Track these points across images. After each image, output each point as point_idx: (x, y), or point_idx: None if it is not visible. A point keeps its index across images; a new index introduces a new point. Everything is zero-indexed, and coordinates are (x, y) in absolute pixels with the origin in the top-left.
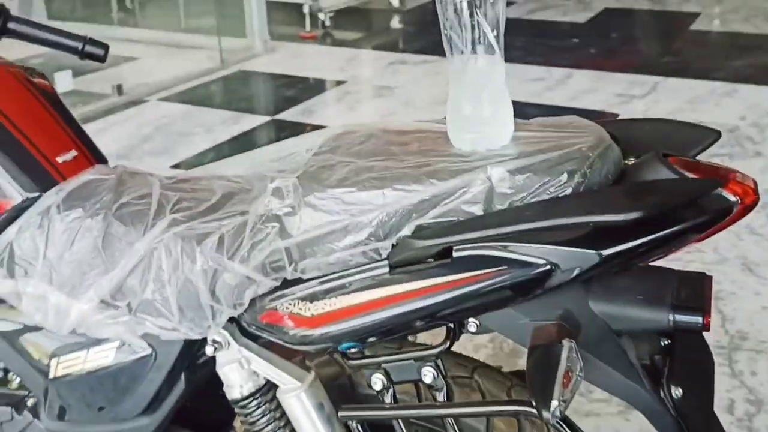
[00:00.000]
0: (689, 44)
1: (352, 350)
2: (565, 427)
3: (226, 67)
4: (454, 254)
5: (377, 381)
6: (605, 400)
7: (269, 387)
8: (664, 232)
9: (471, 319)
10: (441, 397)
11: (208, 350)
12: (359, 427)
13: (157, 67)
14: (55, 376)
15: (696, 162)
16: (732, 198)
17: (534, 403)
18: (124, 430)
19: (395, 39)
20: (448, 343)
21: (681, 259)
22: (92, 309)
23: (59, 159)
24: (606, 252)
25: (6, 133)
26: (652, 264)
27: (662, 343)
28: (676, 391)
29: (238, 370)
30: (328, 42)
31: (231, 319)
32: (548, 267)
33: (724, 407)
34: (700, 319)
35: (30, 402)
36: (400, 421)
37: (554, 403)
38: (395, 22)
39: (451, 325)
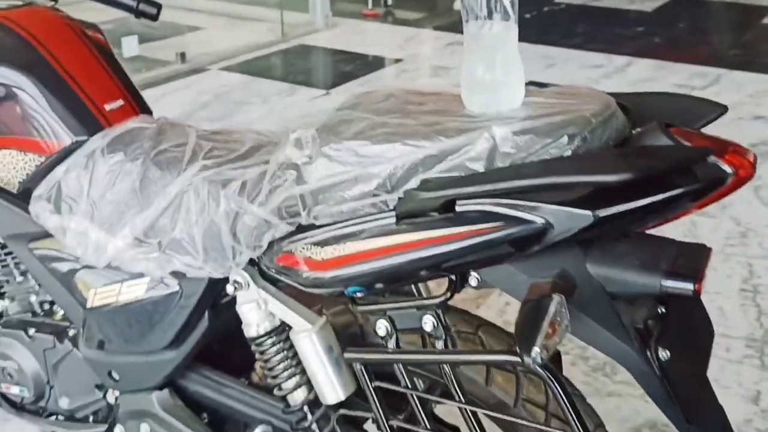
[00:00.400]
0: (759, 38)
1: (359, 294)
2: (552, 379)
3: (286, 41)
4: (457, 209)
5: (381, 327)
6: (627, 382)
7: (283, 328)
8: (658, 196)
9: (473, 274)
10: (440, 346)
11: (229, 289)
12: (363, 369)
13: (220, 38)
14: (91, 306)
15: (698, 133)
16: (727, 169)
17: (518, 350)
18: (151, 362)
19: (456, 21)
20: (448, 294)
21: (723, 252)
22: (126, 245)
23: (107, 107)
24: (600, 213)
25: (60, 80)
26: (653, 234)
27: (659, 311)
28: (664, 353)
29: (256, 310)
30: (389, 21)
31: (252, 263)
32: (544, 225)
33: (750, 398)
34: (690, 286)
35: (71, 333)
36: (401, 366)
37: (536, 350)
38: (458, 4)
39: (453, 277)
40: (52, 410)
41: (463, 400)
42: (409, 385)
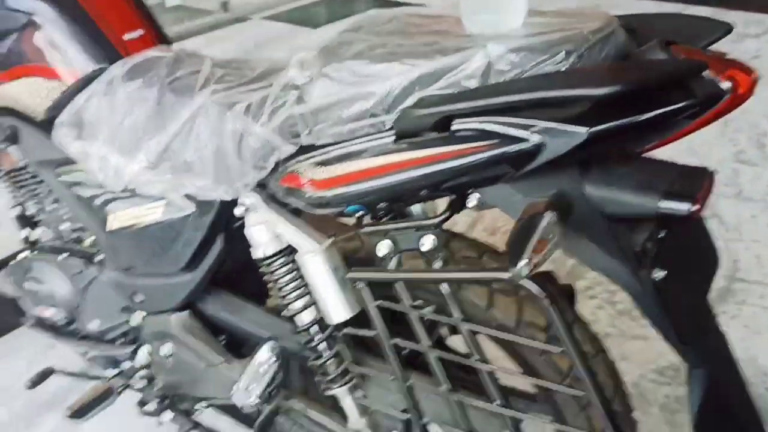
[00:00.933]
0: None
1: (359, 213)
2: (542, 292)
3: None
4: (453, 127)
5: (383, 247)
6: None
7: (291, 250)
8: (652, 113)
9: (472, 194)
10: (437, 266)
11: (237, 211)
12: (365, 288)
13: None
14: (113, 230)
15: (699, 50)
16: (725, 85)
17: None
18: (170, 284)
19: None
20: (447, 214)
21: (765, 200)
22: (142, 169)
23: (126, 36)
24: (593, 129)
25: (79, 9)
26: (654, 158)
27: (660, 235)
28: (659, 273)
29: (264, 232)
30: None
31: (261, 186)
32: (538, 142)
33: None
34: (687, 206)
35: (98, 258)
36: (401, 286)
37: (521, 262)
38: None
39: (453, 197)
40: (84, 332)
41: (460, 317)
42: (409, 304)
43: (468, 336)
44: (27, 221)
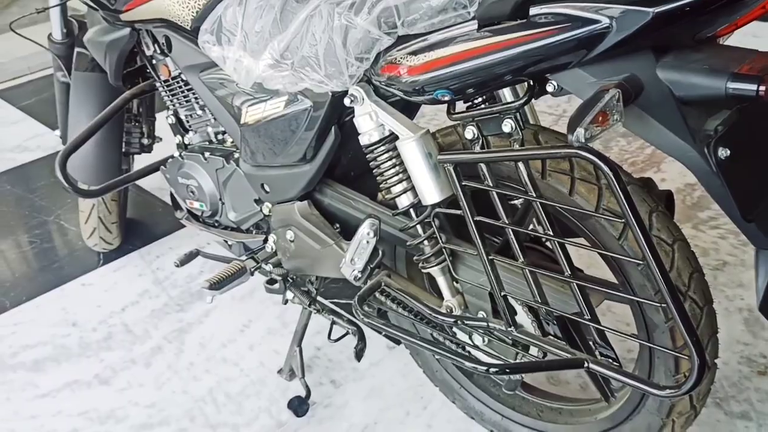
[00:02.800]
0: None
1: (446, 98)
2: (600, 162)
3: None
4: (530, 12)
5: (469, 131)
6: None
7: (392, 138)
8: None
9: (550, 80)
10: (517, 146)
11: (346, 101)
12: (453, 170)
13: None
14: (244, 123)
15: None
16: None
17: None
18: (291, 174)
19: None
20: (526, 98)
21: None
22: (267, 66)
23: None
24: (657, 9)
25: None
26: (729, 45)
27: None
28: (723, 152)
29: (369, 121)
30: None
31: (366, 81)
32: (607, 23)
33: None
34: (754, 87)
35: (235, 155)
36: (483, 167)
37: (580, 130)
38: None
39: (531, 82)
40: (225, 223)
41: (534, 194)
42: (491, 184)
43: (543, 215)
44: (180, 127)
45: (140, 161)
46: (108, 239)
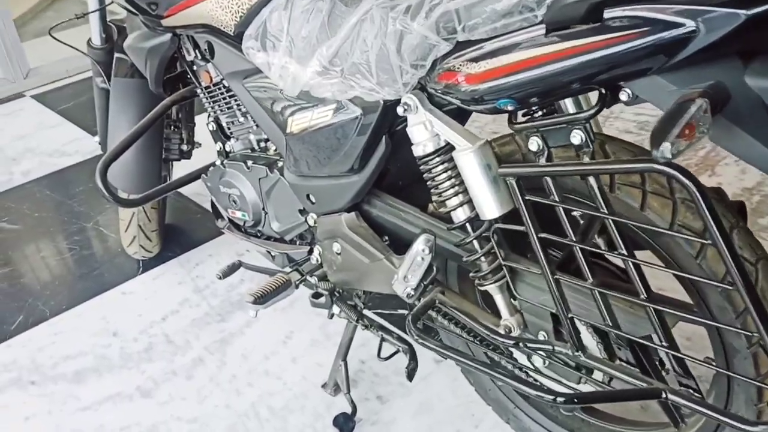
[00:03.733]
0: None
1: (509, 107)
2: (685, 177)
3: None
4: (605, 15)
5: (534, 143)
6: None
7: (448, 148)
8: None
9: (623, 88)
10: (587, 159)
11: (399, 110)
12: (515, 183)
13: None
14: (290, 132)
15: None
16: None
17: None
18: (338, 185)
19: None
20: (597, 108)
21: None
22: (315, 73)
23: None
24: (751, 11)
25: None
26: None
27: None
28: None
29: (423, 131)
30: None
31: (421, 89)
32: (692, 27)
33: None
34: None
35: (279, 164)
36: (549, 180)
37: (666, 145)
38: None
39: (603, 90)
40: (267, 233)
41: (606, 211)
42: (557, 198)
43: (615, 231)
44: (221, 134)
45: (180, 167)
46: (148, 247)
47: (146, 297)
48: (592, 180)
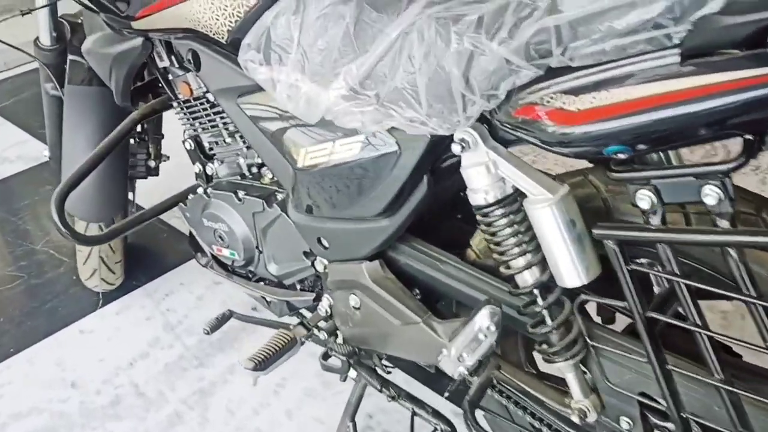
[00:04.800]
0: None
1: (620, 155)
2: None
3: None
4: None
5: (645, 198)
6: None
7: (516, 196)
8: None
9: None
10: (724, 224)
11: (455, 148)
12: (616, 249)
13: None
14: (302, 167)
15: None
16: None
17: None
18: (362, 230)
19: None
20: (742, 159)
21: None
22: (340, 97)
23: None
24: None
25: None
26: None
27: None
28: None
29: (485, 174)
30: None
31: (481, 119)
32: None
33: None
34: None
35: (279, 197)
36: (667, 248)
37: None
38: None
39: (750, 136)
40: (261, 275)
41: (753, 292)
42: (677, 271)
43: (759, 318)
44: (201, 154)
45: (144, 184)
46: (110, 280)
47: (109, 336)
48: (733, 252)
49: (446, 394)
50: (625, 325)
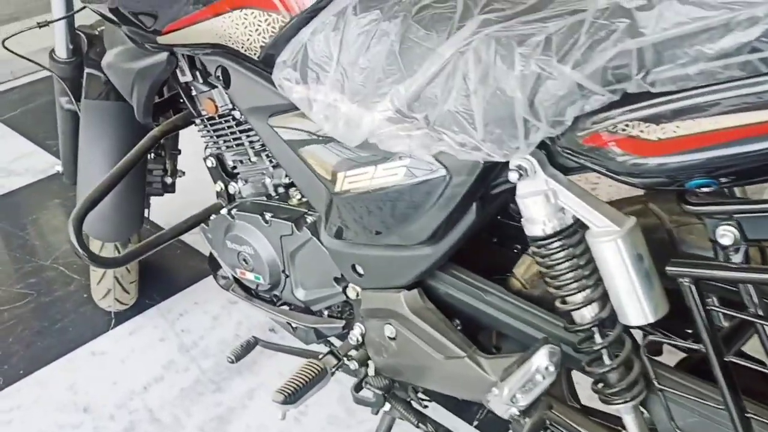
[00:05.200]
0: None
1: (704, 189)
2: None
3: None
4: None
5: (728, 234)
6: None
7: (576, 228)
8: None
9: None
10: None
11: (512, 176)
12: (693, 288)
13: None
14: (340, 191)
15: None
16: None
17: None
18: (402, 258)
19: None
20: None
21: None
22: (386, 119)
23: None
24: None
25: None
26: None
27: None
28: None
29: (543, 204)
30: None
31: (540, 145)
32: None
33: None
34: None
35: (309, 219)
36: (750, 288)
37: None
38: None
39: None
40: (286, 300)
41: None
42: (761, 313)
43: None
44: (223, 173)
45: (158, 200)
46: (124, 300)
47: (122, 358)
48: None
49: (475, 423)
50: (677, 359)
